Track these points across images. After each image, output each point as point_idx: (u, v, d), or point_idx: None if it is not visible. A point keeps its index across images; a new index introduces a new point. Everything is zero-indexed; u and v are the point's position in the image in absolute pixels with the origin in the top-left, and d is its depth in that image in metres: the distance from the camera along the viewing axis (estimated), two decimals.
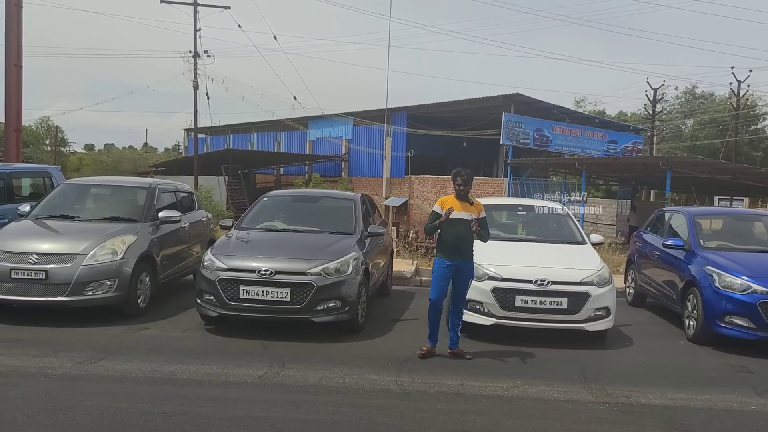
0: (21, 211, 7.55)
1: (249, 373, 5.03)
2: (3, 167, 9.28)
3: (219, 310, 6.19)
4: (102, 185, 8.30)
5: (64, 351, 5.45)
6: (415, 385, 4.88)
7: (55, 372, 4.87)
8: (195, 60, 21.68)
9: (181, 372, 5.01)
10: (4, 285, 6.32)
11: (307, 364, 5.33)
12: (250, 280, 6.08)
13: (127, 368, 5.04)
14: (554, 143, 28.04)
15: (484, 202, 8.24)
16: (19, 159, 14.19)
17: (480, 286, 6.34)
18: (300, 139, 41.92)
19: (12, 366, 4.98)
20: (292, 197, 8.27)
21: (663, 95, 43.70)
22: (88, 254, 6.45)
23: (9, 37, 13.83)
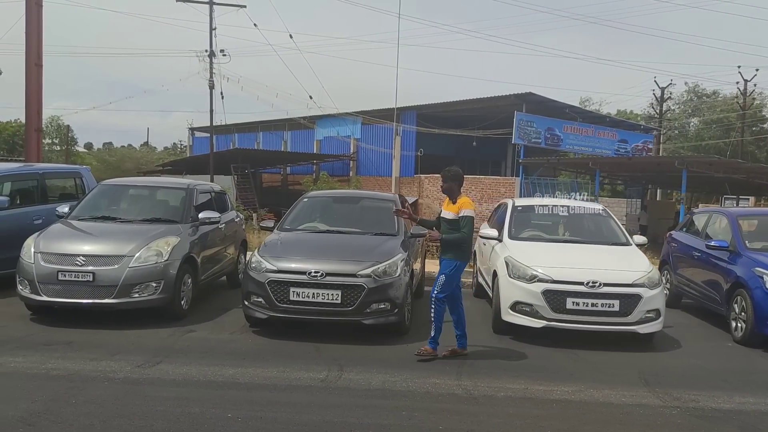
0: (60, 212, 7.51)
1: (310, 377, 5.00)
2: (37, 168, 9.24)
3: (268, 312, 6.15)
4: (141, 186, 8.26)
5: (119, 354, 5.41)
6: (479, 389, 4.85)
7: (116, 376, 4.83)
8: (211, 59, 21.61)
9: (243, 375, 4.98)
10: (51, 287, 6.29)
11: (365, 367, 5.30)
12: (301, 282, 6.05)
13: (187, 372, 5.01)
14: (565, 142, 27.98)
15: (522, 202, 8.27)
16: (39, 158, 14.16)
17: (529, 288, 6.32)
18: (307, 139, 41.82)
19: (72, 370, 4.94)
20: (332, 198, 8.23)
21: (670, 94, 43.68)
22: (134, 256, 6.42)
23: (29, 36, 13.78)
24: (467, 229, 5.72)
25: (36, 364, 5.03)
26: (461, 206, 5.77)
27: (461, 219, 5.73)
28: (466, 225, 5.72)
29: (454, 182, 5.92)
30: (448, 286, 5.76)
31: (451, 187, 5.90)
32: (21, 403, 4.17)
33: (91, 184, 9.66)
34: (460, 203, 5.80)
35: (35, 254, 6.41)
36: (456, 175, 5.97)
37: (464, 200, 5.83)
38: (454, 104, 30.32)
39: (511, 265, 6.60)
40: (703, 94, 48.89)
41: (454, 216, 5.77)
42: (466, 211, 5.75)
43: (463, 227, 5.72)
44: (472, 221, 5.79)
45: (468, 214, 5.75)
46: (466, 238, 5.74)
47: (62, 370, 4.92)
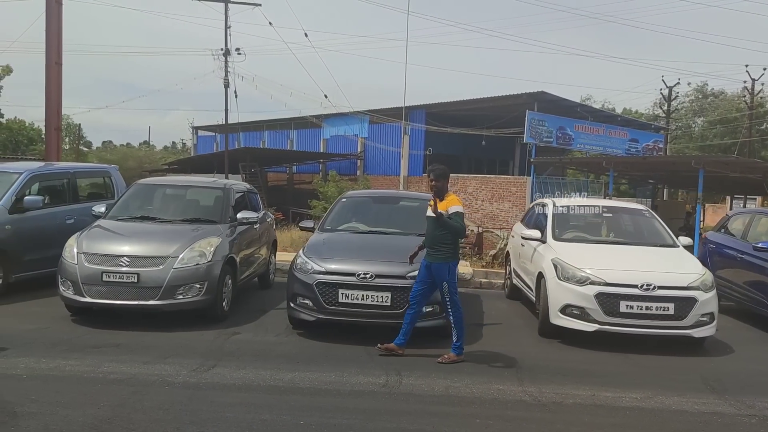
0: (96, 212, 7.40)
1: (370, 382, 4.90)
2: (68, 167, 9.13)
3: (316, 314, 6.05)
4: (177, 186, 8.15)
5: (171, 357, 5.31)
6: (546, 395, 4.75)
7: (175, 380, 4.73)
8: (226, 58, 21.50)
9: (301, 380, 4.88)
10: (95, 288, 6.19)
11: (423, 372, 5.20)
12: (350, 283, 5.94)
13: (245, 376, 4.90)
14: (577, 141, 27.85)
15: (563, 202, 8.16)
16: (59, 157, 14.03)
17: (581, 290, 6.22)
18: (314, 137, 41.68)
19: (129, 373, 4.84)
20: (371, 198, 8.13)
21: (677, 93, 43.58)
22: (178, 257, 6.31)
23: (50, 34, 13.63)
24: (462, 225, 5.59)
25: (91, 368, 4.93)
26: (450, 203, 5.64)
27: (453, 216, 5.59)
28: (461, 221, 5.59)
29: (444, 180, 5.80)
30: (455, 287, 5.64)
31: (442, 186, 5.77)
32: (88, 409, 4.07)
33: (119, 183, 9.56)
34: (448, 201, 5.67)
35: (78, 255, 6.31)
36: (444, 172, 5.86)
37: (453, 197, 5.72)
38: (465, 103, 30.18)
39: (560, 267, 6.50)
40: (710, 93, 48.76)
41: (444, 214, 5.60)
42: (455, 208, 5.63)
43: (458, 224, 5.58)
44: (463, 217, 5.66)
45: (458, 210, 5.64)
46: (461, 230, 5.59)
47: (119, 373, 4.82)
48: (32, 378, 4.65)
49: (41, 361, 5.05)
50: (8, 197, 7.57)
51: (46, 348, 5.43)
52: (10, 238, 7.46)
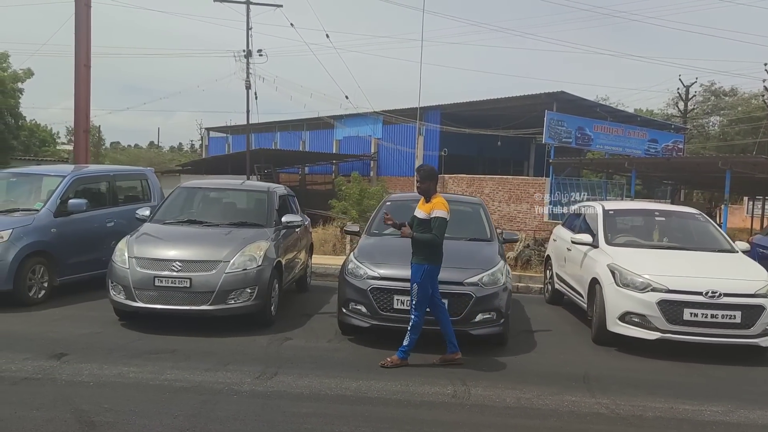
0: (141, 216, 7.34)
1: (437, 392, 4.79)
2: (108, 169, 9.11)
3: (370, 320, 5.95)
4: (221, 189, 8.07)
5: (230, 364, 5.23)
6: (622, 408, 4.62)
7: (242, 389, 4.64)
8: (248, 59, 21.46)
9: (368, 389, 4.78)
10: (147, 293, 6.11)
11: (489, 381, 5.09)
12: (405, 289, 5.82)
13: (310, 384, 4.81)
14: (596, 142, 27.64)
15: (613, 206, 8.01)
16: (87, 160, 14.02)
17: (642, 297, 6.08)
18: (326, 138, 41.64)
19: (194, 381, 4.76)
20: (417, 201, 7.97)
21: (695, 93, 43.20)
22: (230, 261, 6.23)
23: (79, 37, 13.63)
24: (438, 231, 5.41)
25: (154, 375, 4.85)
26: (434, 206, 5.50)
27: (432, 220, 5.44)
28: (437, 226, 5.42)
29: (430, 181, 5.67)
30: (423, 293, 5.40)
31: (428, 187, 5.64)
32: (164, 419, 3.99)
33: (155, 185, 9.51)
34: (434, 203, 5.53)
35: (129, 259, 6.24)
36: (431, 173, 5.74)
37: (438, 200, 5.56)
38: (481, 103, 29.99)
39: (618, 272, 6.36)
40: (720, 92, 48.22)
41: (426, 216, 5.51)
42: (438, 212, 5.46)
43: (435, 228, 5.42)
44: (445, 222, 5.48)
45: (440, 215, 5.45)
46: (436, 240, 5.40)
47: (184, 381, 4.74)
48: (99, 385, 4.58)
49: (103, 367, 4.98)
50: (53, 200, 7.53)
51: (105, 354, 5.36)
52: (56, 241, 7.42)
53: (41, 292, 7.27)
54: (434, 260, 5.49)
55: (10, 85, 25.29)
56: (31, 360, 5.08)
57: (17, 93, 26.02)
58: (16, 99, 26.33)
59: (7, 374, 4.73)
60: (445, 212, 5.48)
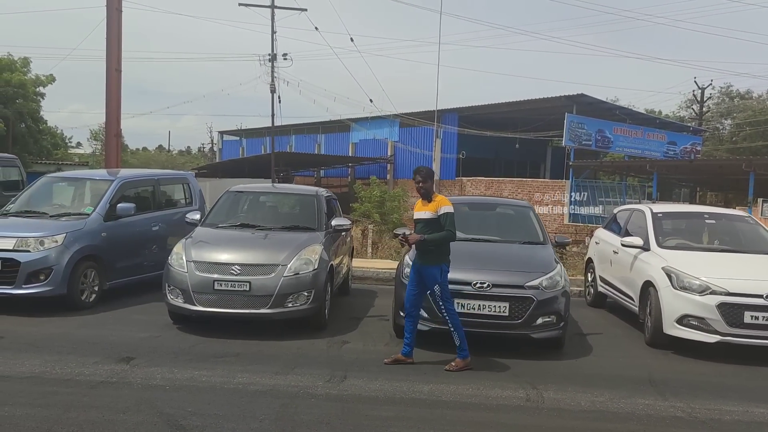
0: (191, 220, 7.39)
1: (510, 395, 4.79)
2: (153, 173, 9.17)
3: (430, 324, 5.91)
4: (270, 193, 8.12)
5: (297, 367, 5.24)
6: (699, 411, 4.60)
7: (317, 392, 4.65)
8: (272, 63, 21.59)
9: (441, 393, 4.77)
10: (206, 296, 6.14)
11: (558, 385, 5.08)
12: (465, 293, 5.84)
13: (381, 388, 4.81)
14: (615, 144, 27.53)
15: (661, 209, 7.97)
16: (118, 164, 14.16)
17: (701, 300, 6.05)
18: (342, 141, 41.68)
19: (267, 384, 4.78)
20: (467, 204, 8.00)
21: (710, 95, 42.93)
22: (287, 265, 6.25)
23: (110, 41, 13.76)
24: (452, 226, 5.46)
25: (226, 378, 4.87)
26: (440, 204, 5.52)
27: (442, 216, 5.46)
28: (450, 222, 5.46)
29: (430, 181, 5.68)
30: (448, 291, 5.49)
31: (428, 187, 5.66)
32: (250, 422, 4.01)
33: (195, 189, 9.57)
34: (438, 201, 5.55)
35: (188, 263, 6.27)
36: (430, 173, 5.78)
37: (441, 198, 5.62)
38: (499, 106, 29.92)
39: (674, 275, 6.33)
40: (736, 95, 47.93)
41: (433, 215, 5.51)
42: (446, 208, 5.50)
43: (448, 225, 5.46)
44: (453, 217, 5.52)
45: (449, 210, 5.51)
46: (451, 236, 5.46)
47: (257, 385, 4.76)
48: (175, 389, 4.61)
49: (173, 371, 5.01)
50: (103, 205, 7.60)
51: (171, 357, 5.39)
52: (106, 245, 7.48)
53: (92, 296, 7.32)
54: (446, 258, 5.57)
55: (31, 89, 25.60)
56: (101, 364, 5.12)
57: (39, 98, 26.33)
58: (38, 103, 26.64)
59: (82, 378, 4.77)
60: (451, 207, 5.54)
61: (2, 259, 6.73)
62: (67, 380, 4.70)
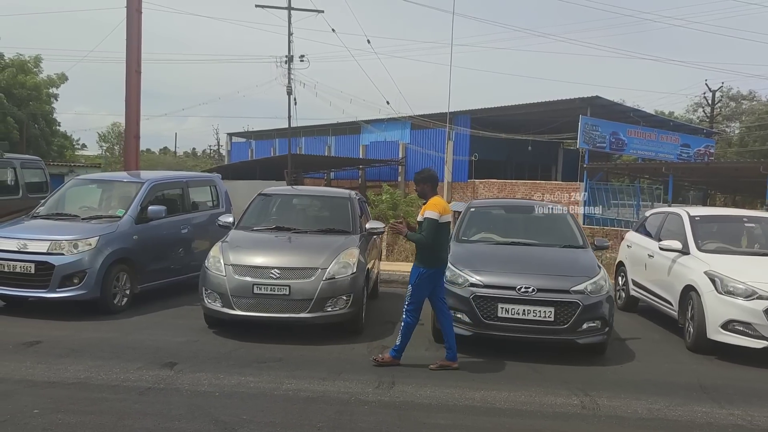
0: (223, 222, 7.32)
1: (564, 402, 4.69)
2: (182, 176, 9.11)
3: (473, 329, 5.85)
4: (304, 195, 8.06)
5: (343, 373, 5.16)
6: (758, 419, 4.51)
7: (368, 398, 4.57)
8: (289, 65, 21.54)
9: (494, 399, 4.69)
10: (245, 300, 6.07)
11: (609, 391, 4.99)
12: (510, 297, 5.75)
13: (432, 395, 4.72)
14: (630, 147, 27.37)
15: (698, 212, 7.85)
16: (137, 165, 14.11)
17: (747, 305, 5.94)
18: (352, 144, 41.64)
19: (316, 390, 4.69)
20: (503, 207, 7.92)
21: (721, 97, 42.66)
22: (326, 269, 6.17)
23: (130, 42, 13.73)
24: (426, 232, 5.37)
25: (274, 384, 4.79)
26: (426, 207, 5.48)
27: (423, 221, 5.42)
28: (426, 227, 5.38)
29: (426, 184, 5.65)
30: (417, 296, 5.43)
31: (423, 189, 5.65)
32: (308, 429, 3.94)
33: (222, 191, 9.51)
34: (428, 205, 5.50)
35: (226, 266, 6.19)
36: (428, 176, 5.72)
37: (431, 202, 5.53)
38: (512, 108, 29.79)
39: (718, 280, 6.21)
40: (738, 96, 47.58)
41: (421, 218, 5.49)
42: (427, 213, 5.43)
43: (423, 229, 5.39)
44: (435, 224, 5.38)
45: (429, 216, 5.39)
46: (424, 241, 5.37)
47: (307, 390, 4.68)
48: (225, 395, 4.53)
49: (219, 377, 4.93)
50: (134, 207, 7.53)
51: (214, 363, 5.31)
52: (137, 248, 7.41)
53: (124, 300, 7.26)
54: (431, 263, 5.46)
55: (44, 91, 25.64)
56: (145, 369, 5.04)
57: (51, 98, 26.36)
58: (51, 104, 26.68)
59: (128, 384, 4.70)
60: (436, 213, 5.42)
61: (36, 262, 6.69)
62: (114, 386, 4.63)
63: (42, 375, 4.80)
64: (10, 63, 23.98)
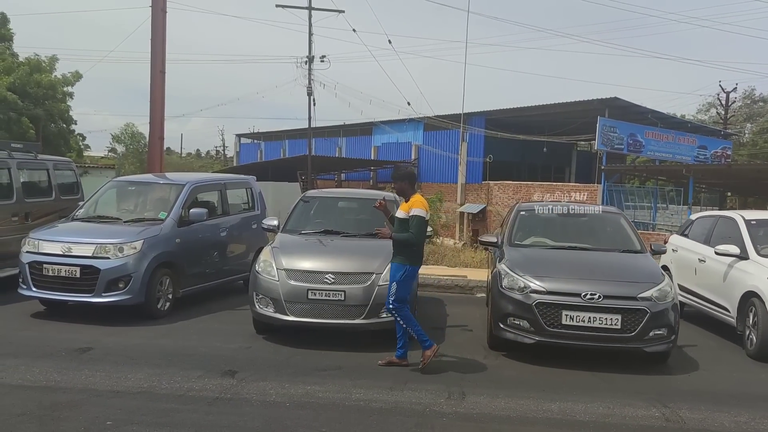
0: (268, 225, 7.17)
1: (646, 414, 4.53)
2: (219, 178, 8.97)
3: (535, 336, 5.67)
4: (349, 198, 7.90)
5: (409, 382, 5.00)
6: None
7: (443, 410, 4.41)
8: (309, 65, 21.39)
9: (573, 411, 4.51)
10: (298, 306, 5.91)
11: (688, 403, 4.81)
12: (575, 304, 5.57)
13: (507, 406, 4.56)
14: (647, 148, 27.14)
15: (752, 216, 7.65)
16: (162, 167, 13.97)
17: None
18: (364, 145, 41.47)
19: (389, 401, 4.53)
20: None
21: (735, 98, 42.35)
22: (381, 273, 6.01)
23: (155, 43, 13.61)
24: (416, 230, 5.34)
25: (342, 394, 4.63)
26: (412, 205, 5.42)
27: (411, 218, 5.36)
28: (415, 225, 5.35)
29: (404, 181, 5.61)
30: (402, 293, 5.36)
31: (402, 187, 5.60)
32: None
33: (257, 193, 9.36)
34: (412, 202, 5.45)
35: (279, 271, 6.03)
36: (406, 174, 5.70)
37: (416, 199, 5.50)
38: (529, 109, 29.50)
39: None
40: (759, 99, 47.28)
41: (405, 215, 5.41)
42: (416, 210, 5.38)
43: (413, 227, 5.35)
44: (423, 221, 5.40)
45: (418, 213, 5.37)
46: (413, 239, 5.36)
47: (378, 401, 4.52)
48: (297, 406, 4.37)
49: (284, 386, 4.77)
50: (177, 210, 7.38)
51: (274, 371, 5.15)
52: (180, 251, 7.27)
53: (166, 305, 7.12)
54: (415, 260, 5.44)
55: (60, 89, 25.52)
56: (207, 378, 4.89)
57: (67, 97, 26.23)
58: (66, 103, 26.55)
59: (194, 393, 4.55)
60: (423, 211, 5.42)
61: (81, 266, 6.55)
62: (180, 396, 4.48)
63: (103, 384, 4.65)
64: (26, 62, 23.90)
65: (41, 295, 6.70)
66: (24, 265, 6.72)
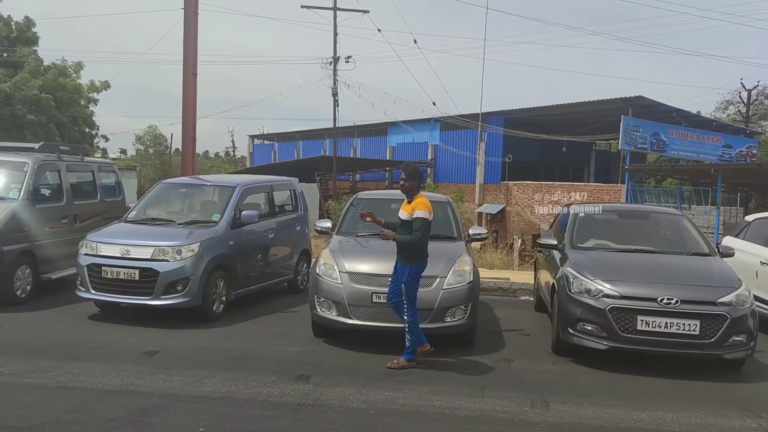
0: (322, 228, 7.09)
1: (741, 426, 4.41)
2: (267, 180, 8.88)
3: (609, 342, 5.53)
4: (399, 200, 7.73)
5: (486, 389, 4.90)
6: None
7: (530, 418, 4.30)
8: (335, 65, 21.34)
9: (663, 421, 4.40)
10: (363, 310, 5.82)
11: None
12: (651, 309, 5.43)
13: (595, 415, 4.44)
14: (671, 148, 26.81)
15: None
16: (194, 169, 13.96)
17: None
18: (379, 145, 41.30)
19: (471, 409, 4.42)
20: (616, 212, 7.55)
21: (758, 98, 41.83)
22: (445, 277, 5.91)
23: (187, 45, 13.56)
24: (420, 232, 5.31)
25: (422, 401, 4.54)
26: (415, 207, 5.38)
27: (414, 221, 5.32)
28: (419, 228, 5.32)
29: (416, 180, 5.56)
30: (411, 293, 5.35)
31: (412, 186, 5.53)
32: None
33: (301, 195, 9.29)
34: (415, 203, 5.41)
35: (341, 274, 5.94)
36: (418, 173, 5.66)
37: (420, 200, 5.45)
38: (550, 108, 29.18)
39: None
40: None
41: (408, 217, 5.37)
42: (419, 213, 5.35)
43: (416, 230, 5.32)
44: (427, 224, 5.37)
45: (421, 216, 5.34)
46: (417, 241, 5.31)
47: (460, 408, 4.43)
48: (382, 413, 4.28)
49: (362, 392, 4.68)
50: (229, 212, 7.31)
51: (346, 376, 5.07)
52: (233, 253, 7.20)
53: (221, 307, 7.05)
54: (419, 260, 5.42)
55: (85, 94, 25.71)
56: (282, 383, 4.81)
57: (91, 102, 26.42)
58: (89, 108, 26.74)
59: (275, 399, 4.47)
60: (426, 213, 5.38)
61: (140, 269, 6.49)
62: (262, 401, 4.40)
63: (181, 388, 4.58)
64: (52, 66, 24.07)
65: (100, 297, 6.65)
66: (83, 267, 6.67)
